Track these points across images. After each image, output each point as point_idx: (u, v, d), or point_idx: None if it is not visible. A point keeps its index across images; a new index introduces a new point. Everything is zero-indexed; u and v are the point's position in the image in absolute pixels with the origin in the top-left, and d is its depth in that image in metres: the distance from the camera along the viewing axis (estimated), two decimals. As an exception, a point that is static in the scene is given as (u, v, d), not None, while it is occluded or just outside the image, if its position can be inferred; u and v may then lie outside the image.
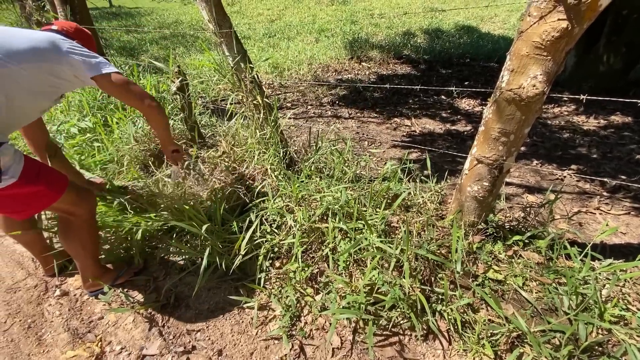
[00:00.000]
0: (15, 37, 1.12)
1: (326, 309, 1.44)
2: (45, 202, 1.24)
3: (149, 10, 11.30)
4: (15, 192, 1.11)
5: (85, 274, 1.53)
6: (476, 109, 4.04)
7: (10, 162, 1.06)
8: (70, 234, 1.40)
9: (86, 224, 1.41)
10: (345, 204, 1.54)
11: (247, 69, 1.78)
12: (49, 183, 1.21)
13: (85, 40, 1.40)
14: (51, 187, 1.22)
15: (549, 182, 2.50)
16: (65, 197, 1.27)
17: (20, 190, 1.12)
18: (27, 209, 1.23)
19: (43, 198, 1.22)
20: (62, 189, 1.25)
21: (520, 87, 1.09)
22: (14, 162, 1.08)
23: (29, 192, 1.16)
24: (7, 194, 1.10)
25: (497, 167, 1.27)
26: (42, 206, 1.26)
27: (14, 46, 1.09)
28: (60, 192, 1.25)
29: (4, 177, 1.03)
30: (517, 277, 1.31)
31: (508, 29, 8.78)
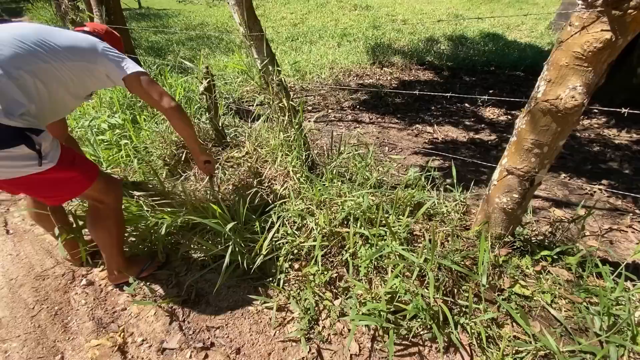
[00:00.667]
0: (57, 36, 1.20)
1: (345, 314, 1.43)
2: (78, 188, 1.29)
3: (176, 12, 11.63)
4: (52, 177, 1.17)
5: (111, 266, 1.58)
6: (501, 118, 3.95)
7: (49, 147, 1.13)
8: (98, 222, 1.45)
9: (113, 213, 1.46)
10: (368, 209, 1.53)
11: (275, 72, 1.81)
12: (82, 170, 1.27)
13: (114, 42, 1.48)
14: (84, 174, 1.28)
15: (577, 197, 2.41)
16: (96, 185, 1.32)
17: (56, 175, 1.18)
18: (61, 194, 1.30)
19: (76, 184, 1.28)
20: (94, 177, 1.31)
21: (558, 98, 1.06)
22: (52, 148, 1.14)
23: (65, 178, 1.22)
24: (45, 178, 1.16)
25: (529, 179, 1.24)
26: (74, 192, 1.31)
27: (56, 44, 1.17)
28: (92, 179, 1.30)
29: (44, 161, 1.09)
30: (546, 294, 1.26)
31: (535, 37, 8.57)
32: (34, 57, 1.10)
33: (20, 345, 1.41)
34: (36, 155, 1.06)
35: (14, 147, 1.02)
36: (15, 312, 1.55)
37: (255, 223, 1.67)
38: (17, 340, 1.43)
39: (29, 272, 1.77)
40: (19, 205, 2.30)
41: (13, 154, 1.04)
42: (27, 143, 1.03)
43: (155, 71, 3.52)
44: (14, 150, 1.02)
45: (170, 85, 2.91)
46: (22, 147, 1.03)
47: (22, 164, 1.07)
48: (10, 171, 1.08)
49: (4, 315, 1.53)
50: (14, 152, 1.03)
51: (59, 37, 1.20)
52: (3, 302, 1.60)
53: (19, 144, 1.02)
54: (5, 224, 2.13)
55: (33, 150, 1.05)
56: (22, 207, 2.25)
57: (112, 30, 1.54)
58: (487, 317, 1.19)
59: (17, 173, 1.09)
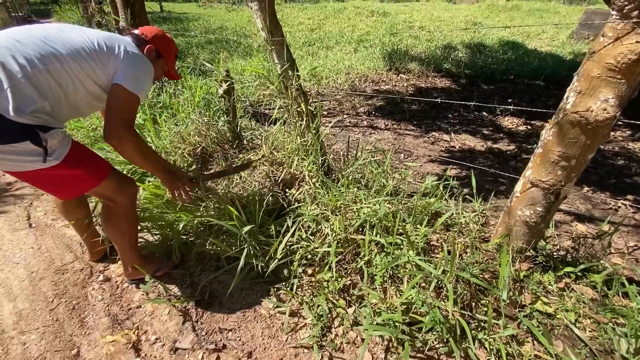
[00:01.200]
0: (80, 36, 1.21)
1: (358, 322, 1.41)
2: (85, 186, 1.31)
3: (196, 16, 11.91)
4: (58, 174, 1.19)
5: (126, 262, 1.60)
6: (520, 128, 3.87)
7: (57, 145, 1.14)
8: (111, 220, 1.47)
9: (126, 212, 1.47)
10: (384, 217, 1.51)
11: (295, 76, 1.82)
12: (91, 169, 1.28)
13: (164, 46, 1.49)
14: (93, 173, 1.29)
15: (601, 211, 2.32)
16: (106, 184, 1.33)
17: (62, 172, 1.20)
18: (68, 190, 1.32)
19: (83, 182, 1.29)
20: (103, 176, 1.32)
21: (588, 110, 1.02)
22: (61, 145, 1.16)
23: (71, 175, 1.24)
24: (50, 174, 1.18)
25: (554, 192, 1.20)
26: (82, 190, 1.33)
27: (73, 45, 1.17)
28: (101, 178, 1.31)
29: (48, 158, 1.11)
30: (569, 312, 1.22)
31: (556, 47, 8.39)
32: (52, 57, 1.12)
33: (39, 338, 1.44)
34: (42, 151, 1.08)
35: (19, 143, 1.04)
36: (35, 304, 1.59)
37: (271, 226, 1.67)
38: (36, 333, 1.46)
39: (49, 266, 1.81)
40: (42, 199, 2.38)
41: (17, 149, 1.06)
42: (32, 139, 1.05)
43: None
44: (18, 145, 1.05)
45: (190, 87, 2.96)
46: (27, 143, 1.05)
47: (27, 159, 1.09)
48: (15, 165, 1.11)
49: (24, 308, 1.57)
50: (19, 147, 1.05)
51: (82, 38, 1.21)
52: (24, 294, 1.64)
53: (24, 139, 1.04)
54: (28, 218, 2.19)
55: (39, 147, 1.07)
56: (45, 201, 2.32)
57: (165, 35, 1.51)
58: (507, 334, 1.15)
59: (22, 167, 1.12)
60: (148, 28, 1.49)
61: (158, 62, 1.49)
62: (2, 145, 1.04)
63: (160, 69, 1.53)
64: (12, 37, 1.10)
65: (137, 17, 3.28)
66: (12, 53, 1.06)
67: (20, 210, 2.27)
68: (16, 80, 1.04)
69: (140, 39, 1.43)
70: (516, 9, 13.93)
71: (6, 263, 1.83)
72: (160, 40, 1.48)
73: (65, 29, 1.23)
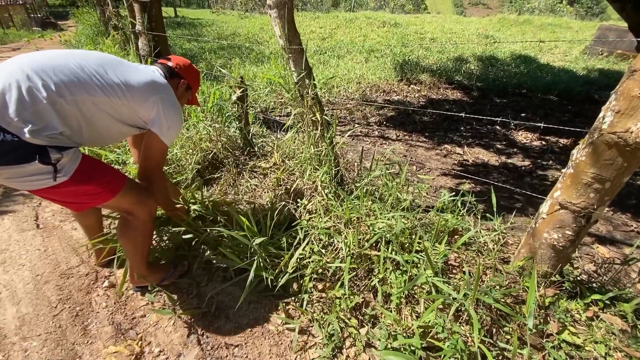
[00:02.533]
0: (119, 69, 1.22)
1: (371, 344, 1.34)
2: (98, 200, 1.27)
3: (209, 22, 12.08)
4: (69, 190, 1.16)
5: (133, 270, 1.56)
6: (534, 143, 3.80)
7: (67, 162, 1.11)
8: (127, 232, 1.43)
9: (143, 226, 1.43)
10: (401, 233, 1.46)
11: (311, 85, 1.79)
12: (102, 183, 1.23)
13: (193, 79, 1.55)
14: (104, 187, 1.24)
15: (622, 234, 2.23)
16: (121, 198, 1.30)
17: (73, 188, 1.16)
18: (82, 203, 1.28)
19: (96, 196, 1.25)
20: (116, 190, 1.27)
21: (627, 131, 0.97)
22: (70, 161, 1.12)
23: (83, 190, 1.20)
24: (62, 191, 1.15)
25: (585, 215, 1.13)
26: (95, 203, 1.29)
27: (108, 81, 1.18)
28: (114, 192, 1.27)
29: (58, 176, 1.08)
30: (599, 344, 1.14)
31: (569, 62, 8.33)
32: (83, 87, 1.11)
33: (41, 345, 1.40)
34: (51, 169, 1.06)
35: (27, 163, 1.01)
36: (38, 309, 1.55)
37: (282, 238, 1.62)
38: (38, 340, 1.42)
39: (54, 269, 1.78)
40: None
41: (26, 170, 1.03)
42: (40, 159, 1.02)
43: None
44: (27, 165, 1.02)
45: (202, 92, 2.96)
46: (35, 162, 1.02)
47: (36, 178, 1.06)
48: (26, 185, 1.08)
49: (28, 312, 1.54)
50: (27, 167, 1.03)
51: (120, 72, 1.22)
52: (28, 298, 1.61)
53: (32, 160, 1.01)
54: (36, 218, 2.17)
55: (48, 165, 1.04)
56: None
57: (194, 67, 1.58)
58: (533, 365, 1.08)
59: (33, 186, 1.09)
60: (180, 60, 1.52)
61: (186, 94, 1.56)
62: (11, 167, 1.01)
63: (186, 100, 1.60)
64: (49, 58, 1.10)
65: (153, 22, 3.30)
66: (44, 78, 1.04)
67: (28, 210, 2.26)
68: (41, 106, 1.02)
69: (172, 71, 1.46)
70: (527, 23, 13.93)
71: (12, 264, 1.80)
72: (191, 73, 1.54)
73: (104, 62, 1.21)
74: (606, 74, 7.09)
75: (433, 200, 2.38)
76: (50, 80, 1.05)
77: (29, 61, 1.06)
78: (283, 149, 2.33)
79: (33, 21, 9.97)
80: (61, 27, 10.37)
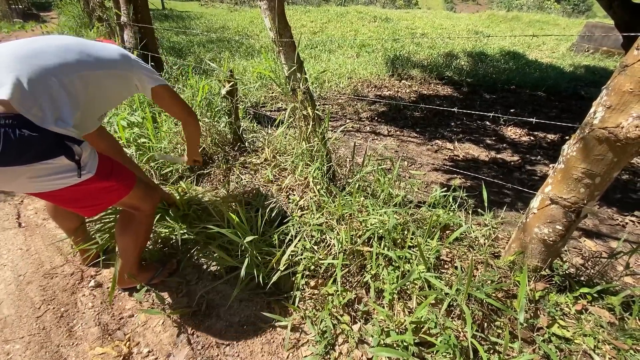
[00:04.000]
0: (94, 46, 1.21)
1: (364, 340, 1.34)
2: (115, 197, 1.26)
3: (198, 15, 11.83)
4: (91, 187, 1.13)
5: (123, 270, 1.52)
6: (523, 138, 3.84)
7: (87, 158, 1.08)
8: (129, 228, 1.40)
9: (146, 220, 1.43)
10: (393, 229, 1.45)
11: (303, 79, 1.76)
12: (120, 178, 1.23)
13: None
14: (122, 182, 1.24)
15: (608, 227, 2.28)
16: (133, 193, 1.29)
17: (95, 185, 1.13)
18: (98, 204, 1.25)
19: (113, 193, 1.24)
20: (131, 185, 1.28)
21: (618, 127, 0.97)
22: (90, 158, 1.10)
23: (102, 187, 1.18)
24: (83, 189, 1.11)
25: (575, 210, 1.14)
26: (111, 201, 1.27)
27: (97, 53, 1.17)
28: (130, 187, 1.27)
29: (83, 172, 1.05)
30: (588, 337, 1.16)
31: (557, 58, 8.45)
32: (82, 65, 1.09)
33: (24, 348, 1.35)
34: (75, 166, 1.02)
35: (54, 159, 0.97)
36: (21, 310, 1.50)
37: (274, 235, 1.60)
38: (21, 342, 1.37)
39: (37, 269, 1.72)
40: (33, 197, 2.28)
41: (52, 166, 0.98)
42: (66, 154, 0.98)
43: (177, 72, 3.52)
44: (53, 161, 0.97)
45: (191, 86, 2.89)
46: (62, 158, 0.98)
47: (61, 176, 1.02)
48: (49, 184, 1.02)
49: (10, 314, 1.48)
50: (54, 163, 0.98)
51: (97, 47, 1.20)
52: (10, 299, 1.55)
53: (59, 155, 0.97)
54: (18, 217, 2.10)
55: (72, 161, 1.00)
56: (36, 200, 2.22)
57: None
58: (524, 359, 1.09)
59: (57, 185, 1.04)
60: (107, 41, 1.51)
61: None
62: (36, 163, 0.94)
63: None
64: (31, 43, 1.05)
65: (139, 13, 3.21)
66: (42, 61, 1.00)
67: (10, 208, 2.18)
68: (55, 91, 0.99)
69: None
70: (516, 19, 14.07)
71: (-8, 265, 1.74)
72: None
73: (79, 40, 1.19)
74: (592, 71, 7.21)
75: (425, 195, 2.38)
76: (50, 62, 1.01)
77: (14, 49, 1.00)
78: (274, 144, 2.30)
79: (14, 12, 9.58)
80: (43, 19, 9.99)
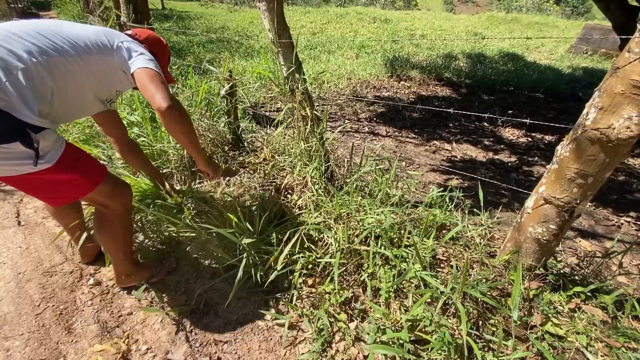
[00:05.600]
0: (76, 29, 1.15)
1: (360, 338, 1.35)
2: (78, 191, 1.22)
3: (198, 15, 11.85)
4: (50, 178, 1.10)
5: (118, 269, 1.52)
6: (521, 139, 3.87)
7: (49, 147, 1.05)
8: (104, 227, 1.38)
9: (119, 219, 1.38)
10: (390, 228, 1.47)
11: (301, 80, 1.77)
12: (85, 173, 1.19)
13: (156, 47, 1.42)
14: (87, 177, 1.19)
15: (603, 228, 2.30)
16: (100, 189, 1.24)
17: (55, 177, 1.10)
18: (60, 196, 1.22)
19: (77, 187, 1.20)
20: (97, 181, 1.23)
21: (610, 128, 0.99)
22: (54, 148, 1.06)
23: (64, 180, 1.14)
24: (42, 179, 1.09)
25: (569, 210, 1.16)
26: (75, 195, 1.24)
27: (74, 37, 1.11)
28: (95, 183, 1.22)
29: (40, 162, 1.02)
30: (581, 335, 1.18)
31: (555, 60, 8.49)
32: (51, 49, 1.05)
33: (23, 345, 1.36)
34: (33, 153, 0.99)
35: (9, 144, 0.95)
36: (20, 308, 1.51)
37: (272, 234, 1.61)
38: (20, 339, 1.38)
39: (37, 267, 1.73)
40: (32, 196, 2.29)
41: (7, 151, 0.97)
42: (23, 140, 0.96)
43: (176, 72, 3.53)
44: (8, 147, 0.96)
45: (190, 87, 2.90)
46: (17, 144, 0.96)
47: (15, 163, 1.00)
48: (3, 169, 1.01)
49: (9, 311, 1.49)
50: (8, 149, 0.96)
51: (78, 30, 1.15)
52: (9, 296, 1.56)
53: (14, 140, 0.95)
54: (17, 215, 2.11)
55: (29, 149, 0.98)
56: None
57: (158, 37, 1.47)
58: (517, 356, 1.10)
59: (11, 172, 1.02)
60: (141, 30, 1.43)
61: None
62: None
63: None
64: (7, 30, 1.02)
65: (139, 13, 3.22)
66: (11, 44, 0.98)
67: (9, 206, 2.19)
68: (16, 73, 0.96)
69: (134, 39, 1.34)
70: (515, 21, 14.11)
71: (-9, 263, 1.75)
72: (154, 41, 1.43)
73: (60, 23, 1.15)
74: (590, 73, 7.25)
75: (422, 195, 2.40)
76: (18, 46, 0.98)
77: None
78: (273, 144, 2.32)
79: (13, 12, 9.59)
80: (43, 18, 10.00)
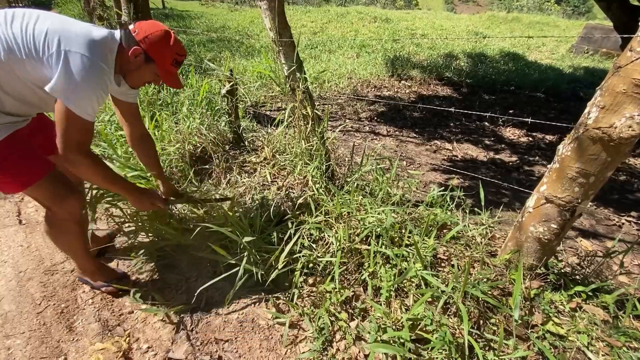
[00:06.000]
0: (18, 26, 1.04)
1: (361, 337, 1.35)
2: (6, 189, 1.20)
3: (198, 14, 11.85)
4: None
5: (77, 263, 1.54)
6: (521, 139, 3.86)
7: None
8: (50, 231, 1.37)
9: (63, 224, 1.33)
10: (391, 227, 1.47)
11: (302, 79, 1.77)
12: (13, 172, 1.15)
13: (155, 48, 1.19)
14: (15, 177, 1.16)
15: (604, 227, 2.30)
16: (35, 191, 1.21)
17: None
18: None
19: (3, 184, 1.17)
20: (29, 182, 1.18)
21: (612, 127, 0.99)
22: None
23: None
24: None
25: (570, 209, 1.16)
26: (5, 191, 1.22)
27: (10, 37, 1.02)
28: (25, 185, 1.18)
29: None
30: (582, 335, 1.17)
31: (556, 60, 8.47)
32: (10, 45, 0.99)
33: (24, 343, 1.37)
34: None
35: None
36: (21, 307, 1.52)
37: (273, 233, 1.61)
38: (22, 337, 1.39)
39: (38, 266, 1.73)
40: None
41: None
42: None
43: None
44: None
45: (191, 85, 2.90)
46: None
47: None
48: None
49: (10, 310, 1.50)
50: None
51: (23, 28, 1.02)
52: (10, 295, 1.56)
53: None
54: (18, 214, 2.11)
55: None
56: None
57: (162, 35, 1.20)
58: (518, 355, 1.10)
59: None
60: (144, 25, 1.20)
61: (147, 66, 1.22)
62: None
63: (152, 75, 1.26)
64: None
65: (140, 13, 3.22)
66: None
67: (10, 205, 2.19)
68: None
69: (130, 38, 1.18)
70: (516, 21, 14.08)
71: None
72: (153, 42, 1.18)
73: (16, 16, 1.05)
74: (591, 72, 7.24)
75: (422, 195, 2.40)
76: None
77: None
78: (273, 143, 2.32)
79: (14, 10, 9.59)
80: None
